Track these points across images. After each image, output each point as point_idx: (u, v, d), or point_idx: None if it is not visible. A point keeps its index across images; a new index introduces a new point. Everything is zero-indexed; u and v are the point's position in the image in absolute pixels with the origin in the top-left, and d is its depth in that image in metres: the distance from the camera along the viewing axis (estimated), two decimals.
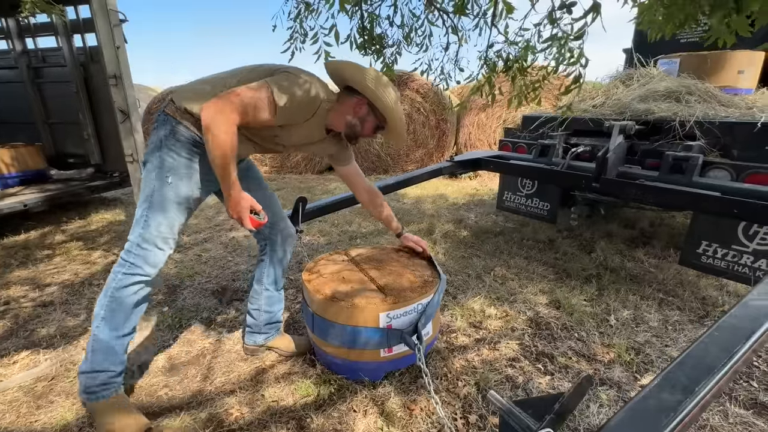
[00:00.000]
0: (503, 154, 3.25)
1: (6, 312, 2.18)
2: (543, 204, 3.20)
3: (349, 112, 1.43)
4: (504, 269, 2.66)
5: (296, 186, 5.44)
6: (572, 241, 3.15)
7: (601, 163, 2.37)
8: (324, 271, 1.74)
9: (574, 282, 2.47)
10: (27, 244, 3.26)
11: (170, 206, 1.35)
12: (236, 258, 2.93)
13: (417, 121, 5.71)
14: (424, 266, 1.79)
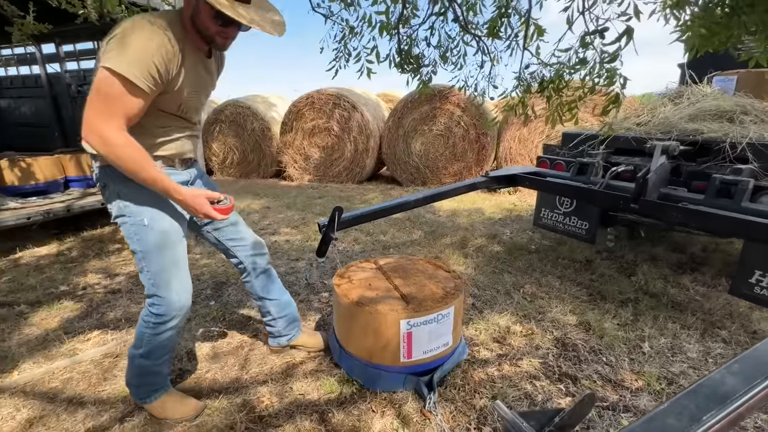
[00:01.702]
0: (540, 171, 3.22)
1: (83, 296, 2.53)
2: (581, 223, 3.11)
3: (187, 9, 1.23)
4: (534, 287, 2.63)
5: (336, 195, 5.68)
6: (612, 263, 3.04)
7: (641, 183, 2.30)
8: (353, 277, 1.86)
9: (608, 305, 2.40)
10: (102, 238, 3.72)
11: (162, 246, 1.33)
12: (276, 260, 3.14)
13: (456, 135, 5.75)
14: (447, 278, 1.85)
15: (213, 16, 1.20)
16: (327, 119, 6.22)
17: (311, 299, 2.51)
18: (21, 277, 2.86)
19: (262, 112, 6.74)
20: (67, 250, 3.45)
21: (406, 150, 6.07)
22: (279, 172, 6.99)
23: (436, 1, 1.75)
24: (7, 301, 2.45)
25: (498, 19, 1.73)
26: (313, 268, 2.98)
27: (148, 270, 1.35)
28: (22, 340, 2.05)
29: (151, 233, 1.32)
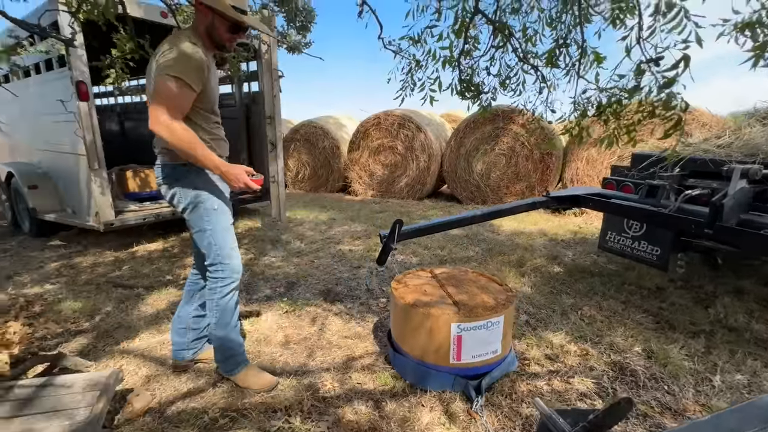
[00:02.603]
0: (605, 192, 3.14)
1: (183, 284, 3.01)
2: (652, 248, 2.96)
3: (202, 24, 1.58)
4: (594, 310, 2.58)
5: (397, 210, 5.93)
6: (686, 292, 2.84)
7: (717, 207, 2.19)
8: (410, 282, 2.04)
9: (676, 335, 2.28)
10: None
11: (222, 219, 1.69)
12: (340, 267, 3.43)
13: (520, 155, 5.72)
14: (499, 291, 1.95)
15: (227, 27, 1.58)
16: (392, 139, 6.57)
17: (370, 303, 2.72)
18: (137, 266, 3.49)
19: (333, 132, 7.32)
20: (171, 247, 4.10)
21: (467, 169, 6.17)
22: (345, 187, 7.47)
23: (496, 35, 1.92)
24: (129, 284, 3.02)
25: (556, 50, 1.85)
26: (373, 276, 3.20)
27: (215, 244, 1.68)
28: (140, 316, 2.53)
29: (219, 215, 1.68)
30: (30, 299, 2.73)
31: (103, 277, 3.23)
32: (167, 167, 1.67)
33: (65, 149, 3.87)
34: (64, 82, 3.47)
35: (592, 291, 2.90)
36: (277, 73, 3.39)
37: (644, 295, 2.83)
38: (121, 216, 3.93)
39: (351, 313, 2.57)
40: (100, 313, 2.57)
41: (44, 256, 3.86)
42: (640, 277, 3.13)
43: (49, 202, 4.35)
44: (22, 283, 3.13)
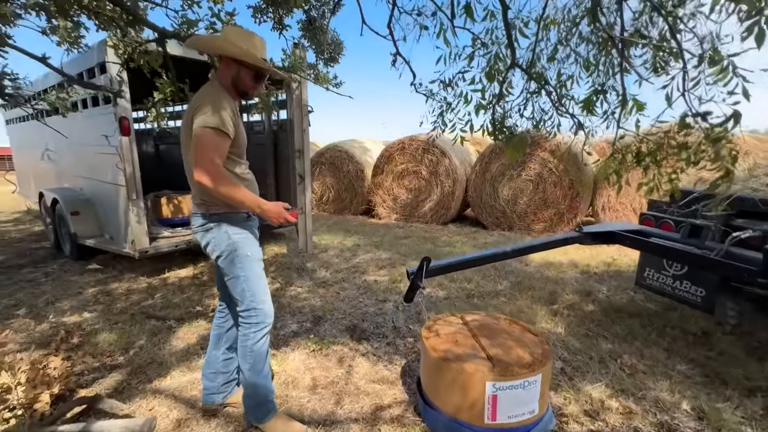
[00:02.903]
0: (643, 230, 3.01)
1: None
2: (696, 289, 2.80)
3: (227, 76, 1.68)
4: (635, 358, 2.43)
5: (421, 236, 5.88)
6: (736, 340, 2.65)
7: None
8: (441, 331, 1.99)
9: (729, 392, 2.11)
10: None
11: (257, 268, 1.74)
12: (366, 300, 3.41)
13: (547, 181, 5.60)
14: (535, 343, 1.87)
15: (252, 76, 1.70)
16: (416, 164, 6.58)
17: (397, 343, 2.67)
18: (169, 294, 3.58)
19: (357, 156, 7.41)
20: (200, 273, 4.19)
21: (492, 194, 6.08)
22: (368, 210, 7.50)
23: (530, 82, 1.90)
24: (161, 316, 3.09)
25: (593, 96, 1.80)
26: (399, 311, 3.16)
27: (248, 290, 1.71)
28: (172, 351, 2.58)
29: (252, 262, 1.73)
30: (69, 329, 2.85)
31: (137, 306, 3.33)
32: (203, 217, 1.72)
33: (106, 179, 4.07)
34: (108, 117, 3.67)
35: (632, 335, 2.74)
36: (306, 108, 3.48)
37: (689, 342, 2.65)
38: (155, 243, 4.08)
39: (378, 354, 2.53)
40: (134, 346, 2.63)
41: (83, 280, 4.03)
42: (683, 319, 2.95)
43: (89, 228, 4.57)
44: (62, 310, 3.26)
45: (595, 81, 1.84)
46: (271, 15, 3.97)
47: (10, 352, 2.53)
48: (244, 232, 1.74)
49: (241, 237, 1.72)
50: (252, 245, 1.76)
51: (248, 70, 1.68)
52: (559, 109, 1.92)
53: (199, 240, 1.76)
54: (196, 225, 1.75)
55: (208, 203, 1.68)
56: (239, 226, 1.73)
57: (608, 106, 1.86)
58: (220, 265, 1.74)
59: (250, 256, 1.73)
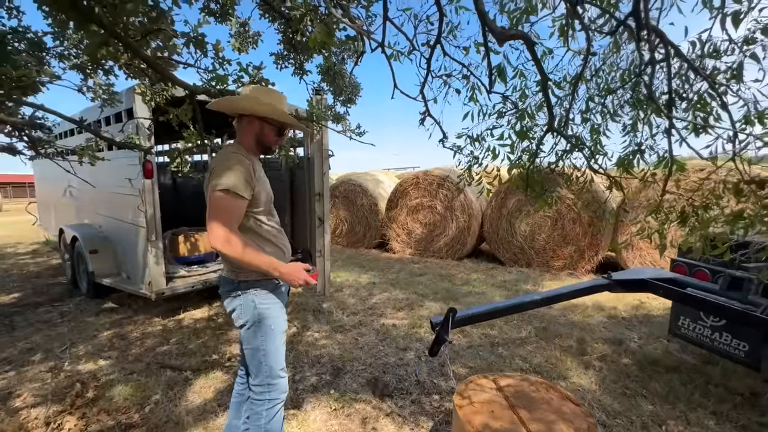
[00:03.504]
0: (677, 278, 2.88)
1: (230, 367, 2.97)
2: (739, 343, 2.63)
3: (250, 134, 1.67)
4: (681, 425, 2.26)
5: (438, 272, 5.77)
6: None
7: None
8: (474, 398, 1.87)
9: None
10: None
11: (278, 341, 1.67)
12: (385, 348, 3.29)
13: (566, 217, 5.50)
14: (577, 415, 1.74)
15: (275, 132, 1.70)
16: (431, 198, 6.56)
17: (422, 401, 2.54)
18: (184, 340, 3.50)
19: (371, 190, 7.43)
20: (215, 315, 4.13)
21: (509, 230, 5.99)
22: (382, 244, 7.44)
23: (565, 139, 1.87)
24: (177, 366, 3.01)
25: (630, 156, 1.76)
26: (422, 363, 3.03)
27: (266, 364, 1.64)
28: (188, 408, 2.48)
29: (276, 335, 1.66)
30: (85, 380, 2.78)
31: (152, 353, 3.25)
32: (230, 282, 1.67)
33: (127, 219, 4.10)
34: (132, 160, 3.74)
35: (673, 394, 2.57)
36: (327, 152, 3.52)
37: (737, 403, 2.47)
38: (171, 284, 4.05)
39: (403, 414, 2.39)
40: (149, 402, 2.54)
41: (99, 322, 3.99)
42: (726, 375, 2.76)
43: (107, 267, 4.58)
44: (77, 356, 3.20)
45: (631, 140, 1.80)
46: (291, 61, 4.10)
47: (24, 407, 2.46)
48: (272, 300, 1.68)
49: (267, 307, 1.65)
50: (278, 317, 1.69)
51: (271, 126, 1.69)
52: (592, 166, 1.87)
53: (225, 305, 1.70)
54: (224, 289, 1.70)
55: (238, 269, 1.63)
56: (268, 294, 1.67)
57: (645, 165, 1.81)
58: (243, 334, 1.68)
59: (274, 329, 1.66)
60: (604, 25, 1.54)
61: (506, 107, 1.84)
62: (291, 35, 3.33)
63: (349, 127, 3.08)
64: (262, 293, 1.65)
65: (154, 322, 3.94)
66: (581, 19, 1.52)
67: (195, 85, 2.29)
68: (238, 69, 2.41)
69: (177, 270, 4.56)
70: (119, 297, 4.70)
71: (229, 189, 1.50)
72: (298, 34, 3.09)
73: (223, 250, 1.48)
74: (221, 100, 1.69)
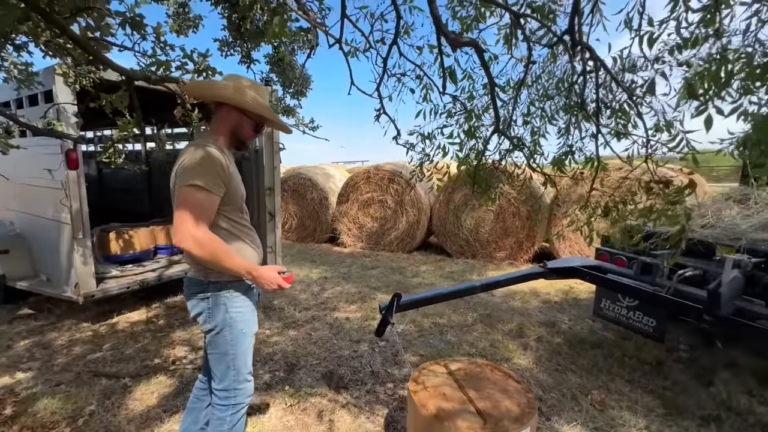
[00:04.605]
0: (601, 266, 3.25)
1: (174, 371, 2.82)
2: (648, 320, 3.03)
3: (226, 125, 1.57)
4: (603, 393, 2.57)
5: (389, 265, 5.89)
6: (686, 368, 2.90)
7: (713, 295, 2.29)
8: (427, 383, 1.98)
9: (687, 422, 2.29)
10: (183, 306, 4.12)
11: (248, 344, 1.60)
12: (339, 342, 3.32)
13: (507, 211, 5.90)
14: (519, 391, 1.91)
15: (253, 126, 1.62)
16: (382, 193, 6.66)
17: (377, 390, 2.62)
18: (120, 345, 3.25)
19: (321, 183, 7.35)
20: (155, 317, 3.86)
21: (456, 223, 6.28)
22: (332, 238, 7.41)
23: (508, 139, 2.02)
24: (114, 373, 2.79)
25: (563, 157, 1.95)
26: (376, 354, 3.11)
27: (234, 368, 1.57)
28: (128, 416, 2.32)
29: (247, 338, 1.59)
30: (0, 397, 2.48)
31: (82, 361, 2.98)
32: (198, 283, 1.56)
33: (46, 215, 3.67)
34: (52, 149, 3.35)
35: (597, 368, 2.91)
36: (278, 145, 3.42)
37: (646, 372, 2.86)
38: (102, 285, 3.71)
39: (359, 404, 2.45)
40: (83, 414, 2.33)
41: (13, 331, 3.55)
42: (638, 348, 3.18)
43: (21, 269, 4.07)
44: None
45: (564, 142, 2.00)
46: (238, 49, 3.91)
47: None
48: (245, 304, 1.59)
49: (239, 312, 1.56)
50: (249, 320, 1.61)
51: (249, 119, 1.59)
52: (531, 165, 2.04)
53: (190, 307, 1.59)
54: (190, 290, 1.58)
55: (207, 270, 1.51)
56: (240, 297, 1.57)
57: (576, 164, 2.01)
58: (209, 339, 1.58)
59: (245, 332, 1.58)
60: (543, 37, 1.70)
61: (456, 108, 1.96)
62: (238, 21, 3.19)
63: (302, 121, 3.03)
64: (234, 296, 1.55)
65: (82, 328, 3.60)
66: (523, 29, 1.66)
67: (133, 70, 2.11)
68: (182, 55, 2.25)
69: (108, 270, 4.18)
70: (37, 302, 4.20)
71: (200, 184, 1.38)
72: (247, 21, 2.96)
73: (192, 250, 1.37)
74: (200, 83, 1.56)
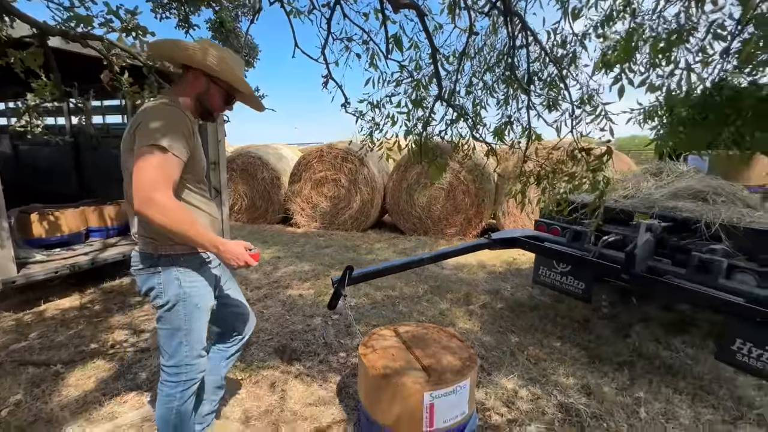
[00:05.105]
0: (539, 235, 3.51)
1: (114, 355, 2.67)
2: (578, 283, 3.36)
3: (192, 91, 1.47)
4: (537, 348, 2.83)
5: (343, 244, 5.92)
6: (607, 323, 3.25)
7: (629, 256, 2.58)
8: (376, 346, 2.06)
9: (606, 368, 2.59)
10: (122, 290, 3.88)
11: (204, 320, 1.54)
12: (292, 317, 3.32)
13: (458, 189, 6.12)
14: (461, 348, 2.05)
15: (224, 96, 1.53)
16: (336, 172, 6.59)
17: (330, 360, 2.67)
18: (50, 333, 3.00)
19: (272, 163, 7.12)
20: (90, 303, 3.60)
21: (409, 201, 6.41)
22: (285, 219, 7.26)
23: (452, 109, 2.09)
24: (42, 361, 2.58)
25: (503, 126, 2.07)
26: (329, 326, 3.15)
27: (186, 344, 1.50)
28: (62, 402, 2.18)
29: (201, 313, 1.52)
30: None
31: (4, 350, 2.72)
32: (147, 257, 1.46)
33: None
34: None
35: (533, 327, 3.18)
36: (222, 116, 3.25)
37: (575, 329, 3.17)
38: (25, 271, 3.38)
39: (312, 374, 2.49)
40: (7, 404, 2.15)
41: None
42: (569, 309, 3.51)
43: None
44: None
45: (504, 114, 2.11)
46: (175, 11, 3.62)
47: None
48: (199, 278, 1.51)
49: (194, 286, 1.49)
50: (204, 294, 1.53)
51: (220, 88, 1.49)
52: (474, 135, 2.14)
53: (139, 282, 1.50)
54: (137, 266, 1.49)
55: (157, 241, 1.43)
56: (193, 273, 1.49)
57: (514, 135, 2.14)
58: (160, 314, 1.50)
59: (200, 307, 1.51)
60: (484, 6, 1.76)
61: (403, 76, 1.98)
62: None
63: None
64: (187, 271, 1.48)
65: (3, 317, 3.27)
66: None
67: (46, 24, 1.88)
68: (106, 11, 2.05)
69: (32, 254, 3.80)
70: None
71: (164, 145, 1.27)
72: None
73: (154, 217, 1.25)
74: (167, 42, 1.41)
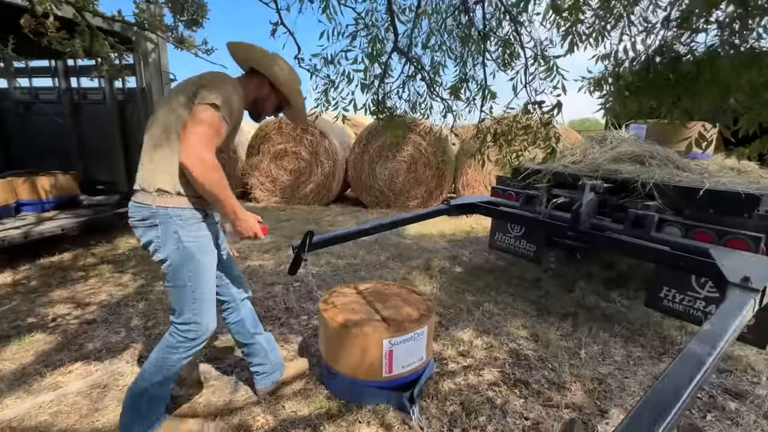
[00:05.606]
0: (494, 200, 3.64)
1: (56, 328, 2.50)
2: (529, 245, 3.55)
3: (254, 91, 1.59)
4: (492, 305, 2.99)
5: (304, 217, 5.83)
6: (556, 281, 3.49)
7: (575, 215, 2.76)
8: (337, 302, 2.08)
9: (552, 319, 2.80)
10: (62, 265, 3.60)
11: (210, 280, 1.54)
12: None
13: (419, 162, 6.18)
14: (420, 301, 2.13)
15: (276, 106, 1.68)
16: (295, 144, 6.41)
17: (291, 323, 2.67)
18: None
19: None
20: (25, 279, 3.32)
21: (371, 174, 6.40)
22: (244, 194, 7.01)
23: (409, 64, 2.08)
24: None
25: (459, 84, 2.09)
26: (290, 293, 3.13)
27: (196, 301, 1.50)
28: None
29: (207, 269, 1.51)
30: None
31: None
32: (144, 208, 1.40)
33: None
34: None
35: (488, 287, 3.34)
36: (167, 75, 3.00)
37: (527, 287, 3.38)
38: None
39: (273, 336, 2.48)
40: None
41: None
42: (522, 270, 3.72)
43: None
44: None
45: (461, 71, 2.13)
46: None
47: None
48: (199, 233, 1.47)
49: (193, 240, 1.45)
50: (207, 250, 1.51)
51: (277, 99, 1.65)
52: (431, 93, 2.15)
53: (138, 234, 1.45)
54: (135, 217, 1.44)
55: (153, 193, 1.38)
56: (192, 226, 1.45)
57: (470, 93, 2.17)
58: (164, 270, 1.46)
59: (204, 262, 1.49)
60: None
61: (358, 28, 1.94)
62: None
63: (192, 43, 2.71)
64: (185, 225, 1.43)
65: None
66: None
67: None
68: None
69: None
70: None
71: (221, 107, 1.35)
72: None
73: (195, 172, 1.29)
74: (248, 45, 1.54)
